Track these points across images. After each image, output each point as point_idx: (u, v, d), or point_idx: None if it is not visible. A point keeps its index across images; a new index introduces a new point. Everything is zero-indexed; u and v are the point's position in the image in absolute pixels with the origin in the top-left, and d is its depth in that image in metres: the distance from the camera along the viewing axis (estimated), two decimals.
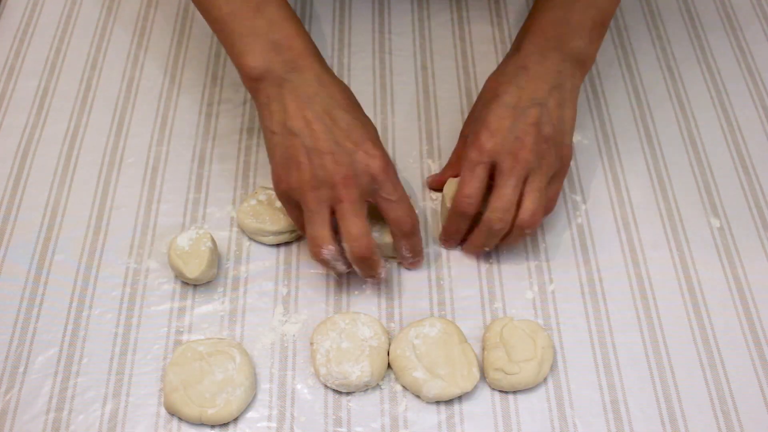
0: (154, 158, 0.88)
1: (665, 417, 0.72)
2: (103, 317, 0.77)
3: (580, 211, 0.85)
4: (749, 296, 0.79)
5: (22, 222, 0.83)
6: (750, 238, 0.83)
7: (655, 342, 0.76)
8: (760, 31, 1.02)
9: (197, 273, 0.76)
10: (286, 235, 0.81)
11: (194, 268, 0.76)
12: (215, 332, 0.76)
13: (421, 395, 0.72)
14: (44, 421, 0.71)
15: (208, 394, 0.70)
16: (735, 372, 0.75)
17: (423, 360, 0.72)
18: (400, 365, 0.72)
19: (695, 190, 0.87)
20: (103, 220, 0.83)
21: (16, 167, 0.87)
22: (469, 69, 0.97)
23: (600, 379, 0.74)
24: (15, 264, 0.80)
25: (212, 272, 0.77)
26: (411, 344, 0.73)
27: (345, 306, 0.78)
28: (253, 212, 0.81)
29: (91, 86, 0.94)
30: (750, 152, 0.90)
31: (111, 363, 0.74)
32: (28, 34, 0.99)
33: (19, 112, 0.91)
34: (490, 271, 0.80)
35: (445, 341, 0.73)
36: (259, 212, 0.81)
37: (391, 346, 0.74)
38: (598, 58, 0.98)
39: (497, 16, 1.02)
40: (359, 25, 1.00)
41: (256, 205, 0.81)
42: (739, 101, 0.95)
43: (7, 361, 0.74)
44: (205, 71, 0.96)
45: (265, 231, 0.80)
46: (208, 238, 0.77)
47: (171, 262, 0.77)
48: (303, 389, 0.73)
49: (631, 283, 0.80)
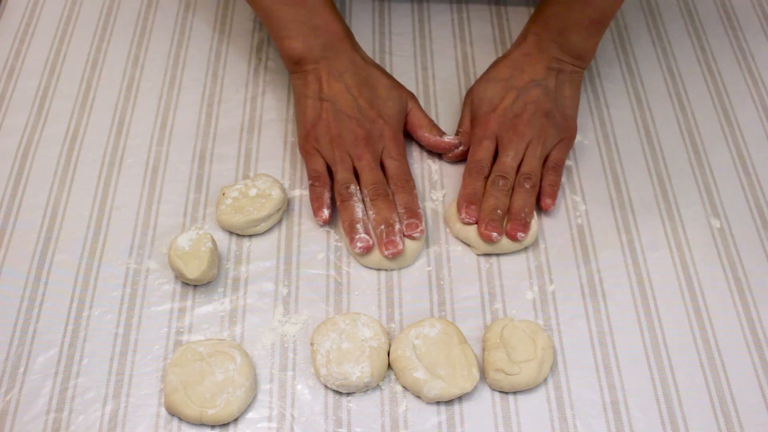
0: (154, 158, 0.88)
1: (665, 417, 0.72)
2: (103, 317, 0.77)
3: (580, 212, 0.85)
4: (749, 296, 0.79)
5: (23, 222, 0.83)
6: (750, 238, 0.83)
7: (655, 342, 0.76)
8: (760, 31, 1.02)
9: (197, 273, 0.76)
10: (276, 216, 0.82)
11: (194, 268, 0.76)
12: (215, 333, 0.76)
13: (422, 395, 0.72)
14: (44, 421, 0.71)
15: (209, 394, 0.70)
16: (735, 372, 0.75)
17: (423, 360, 0.72)
18: (401, 366, 0.73)
19: (695, 190, 0.87)
20: (103, 220, 0.83)
21: (16, 167, 0.87)
22: (469, 69, 0.97)
23: (600, 380, 0.74)
24: (15, 264, 0.80)
25: (212, 272, 0.77)
26: (411, 345, 0.73)
27: (345, 307, 0.78)
28: (234, 209, 0.81)
29: (91, 86, 0.94)
30: (750, 152, 0.90)
31: (111, 363, 0.74)
32: (28, 34, 0.99)
33: (19, 112, 0.91)
34: (490, 272, 0.80)
35: (445, 342, 0.74)
36: (241, 206, 0.81)
37: (391, 347, 0.74)
38: (599, 58, 0.98)
39: (497, 16, 1.02)
40: (359, 25, 1.00)
41: (232, 203, 0.81)
42: (739, 101, 0.95)
43: (7, 362, 0.74)
44: (205, 71, 0.96)
45: (256, 220, 0.81)
46: (209, 238, 0.77)
47: (171, 262, 0.77)
48: (303, 390, 0.73)
49: (631, 284, 0.80)
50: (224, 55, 0.97)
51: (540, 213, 0.84)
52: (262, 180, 0.83)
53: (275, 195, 0.82)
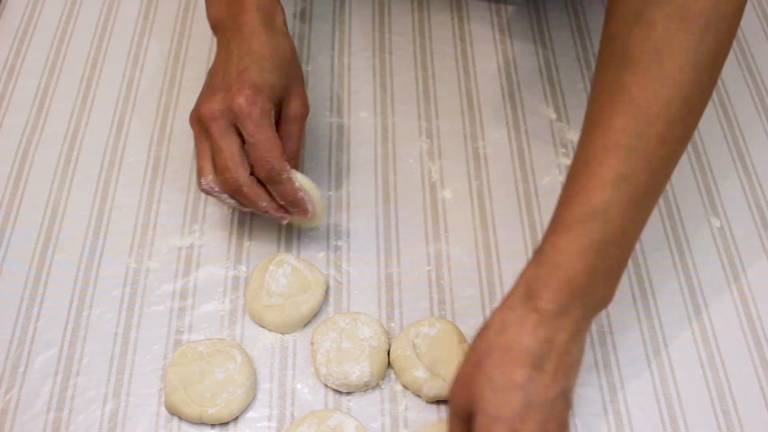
0: (154, 158, 0.88)
1: (665, 417, 0.72)
2: (103, 317, 0.77)
3: None
4: (749, 296, 0.79)
5: (22, 222, 0.83)
6: (750, 238, 0.83)
7: (655, 342, 0.76)
8: (760, 31, 1.02)
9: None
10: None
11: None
12: (215, 332, 0.76)
13: (422, 394, 0.72)
14: (44, 420, 0.71)
15: (209, 393, 0.70)
16: (735, 372, 0.75)
17: (423, 360, 0.72)
18: (401, 365, 0.73)
19: (695, 190, 0.87)
20: (103, 220, 0.83)
21: (16, 167, 0.87)
22: (469, 69, 0.97)
23: (600, 379, 0.74)
24: (15, 264, 0.80)
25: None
26: (411, 344, 0.73)
27: (345, 306, 0.78)
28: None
29: (91, 86, 0.94)
30: (750, 152, 0.90)
31: (111, 363, 0.74)
32: (28, 34, 0.99)
33: (19, 112, 0.91)
34: (490, 271, 0.80)
35: (444, 341, 0.74)
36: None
37: (391, 346, 0.74)
38: None
39: (497, 16, 1.02)
40: (359, 25, 1.00)
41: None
42: (739, 101, 0.95)
43: (7, 361, 0.74)
44: (205, 71, 0.95)
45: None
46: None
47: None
48: (303, 389, 0.73)
49: (631, 284, 0.80)
50: None
51: (540, 212, 0.84)
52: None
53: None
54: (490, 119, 0.92)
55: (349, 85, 0.95)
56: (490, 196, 0.86)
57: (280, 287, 0.76)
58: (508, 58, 0.98)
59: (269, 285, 0.76)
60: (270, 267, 0.77)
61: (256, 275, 0.77)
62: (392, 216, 0.84)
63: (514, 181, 0.87)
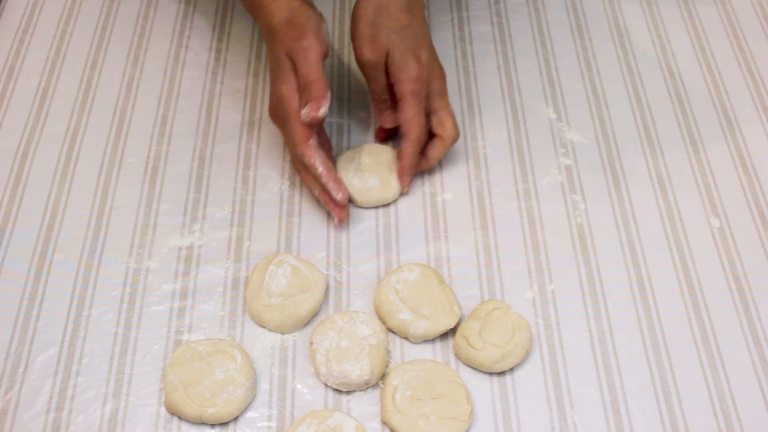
0: (154, 158, 0.88)
1: (665, 417, 0.72)
2: (103, 317, 0.77)
3: (580, 211, 0.85)
4: (749, 296, 0.79)
5: (22, 222, 0.83)
6: (750, 238, 0.83)
7: (655, 342, 0.76)
8: (760, 31, 1.02)
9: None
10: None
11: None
12: (215, 332, 0.76)
13: (409, 335, 0.75)
14: (44, 420, 0.71)
15: (209, 393, 0.70)
16: (735, 372, 0.75)
17: (407, 303, 0.75)
18: (387, 309, 0.75)
19: (695, 190, 0.87)
20: (103, 220, 0.83)
21: (16, 167, 0.87)
22: (469, 69, 0.97)
23: (600, 379, 0.74)
24: (15, 264, 0.80)
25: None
26: (393, 289, 0.76)
27: (345, 306, 0.78)
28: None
29: (91, 86, 0.94)
30: (750, 152, 0.90)
31: (111, 363, 0.74)
32: (28, 34, 0.99)
33: (19, 112, 0.91)
34: (490, 271, 0.80)
35: (425, 284, 0.76)
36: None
37: (375, 294, 0.77)
38: (597, 57, 0.98)
39: (497, 16, 1.02)
40: None
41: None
42: (739, 101, 0.95)
43: (7, 361, 0.74)
44: (205, 71, 0.96)
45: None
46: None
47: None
48: (303, 389, 0.73)
49: (631, 283, 0.80)
50: (224, 55, 0.97)
51: (540, 212, 0.84)
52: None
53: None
54: (490, 119, 0.92)
55: (349, 85, 0.95)
56: (490, 196, 0.86)
57: (279, 287, 0.76)
58: (508, 58, 0.98)
59: (269, 285, 0.76)
60: (270, 267, 0.77)
61: (256, 275, 0.77)
62: (392, 216, 0.84)
63: (514, 181, 0.87)
